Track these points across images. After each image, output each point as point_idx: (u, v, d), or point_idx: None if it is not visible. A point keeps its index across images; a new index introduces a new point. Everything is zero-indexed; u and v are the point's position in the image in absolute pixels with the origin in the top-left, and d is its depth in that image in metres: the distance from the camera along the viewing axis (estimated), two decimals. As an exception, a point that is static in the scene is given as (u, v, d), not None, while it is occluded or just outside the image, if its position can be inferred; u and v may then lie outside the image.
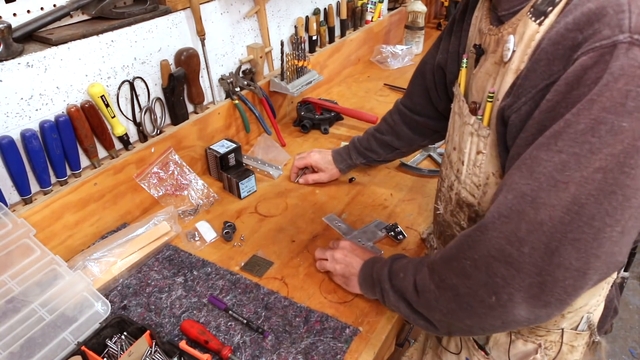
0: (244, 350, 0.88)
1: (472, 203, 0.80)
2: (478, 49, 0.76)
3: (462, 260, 0.67)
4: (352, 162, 1.27)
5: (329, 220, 1.20)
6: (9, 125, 0.97)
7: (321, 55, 1.82)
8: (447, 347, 0.97)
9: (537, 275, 0.60)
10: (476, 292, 0.66)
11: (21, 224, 0.95)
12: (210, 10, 1.34)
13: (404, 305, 0.80)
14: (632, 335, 2.30)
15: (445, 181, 0.90)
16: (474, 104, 0.76)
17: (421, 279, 0.76)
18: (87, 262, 1.03)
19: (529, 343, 0.85)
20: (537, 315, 0.63)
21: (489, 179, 0.75)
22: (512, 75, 0.66)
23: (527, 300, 0.62)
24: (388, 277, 0.84)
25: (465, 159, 0.79)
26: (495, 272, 0.62)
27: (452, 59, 0.94)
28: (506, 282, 0.62)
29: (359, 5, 2.00)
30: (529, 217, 0.59)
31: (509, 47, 0.66)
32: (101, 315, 0.91)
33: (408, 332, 1.13)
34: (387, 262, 0.88)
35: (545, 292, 0.60)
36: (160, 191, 1.24)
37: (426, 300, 0.75)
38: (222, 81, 1.43)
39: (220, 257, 1.10)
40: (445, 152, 0.91)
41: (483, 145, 0.74)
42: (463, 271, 0.67)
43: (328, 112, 1.62)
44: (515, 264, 0.60)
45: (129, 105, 1.19)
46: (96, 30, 1.06)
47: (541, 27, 0.61)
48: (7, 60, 0.93)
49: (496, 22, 0.72)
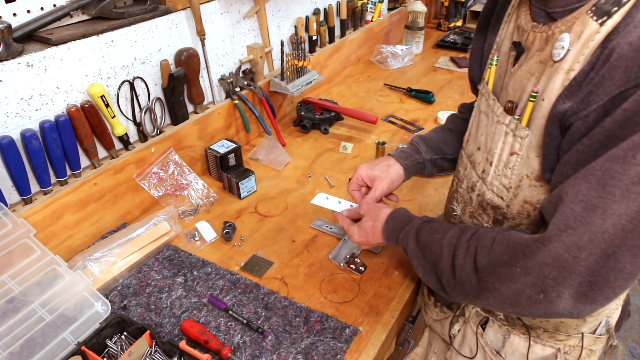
0: (244, 350, 0.88)
1: (499, 205, 0.78)
2: (518, 46, 0.73)
3: (512, 268, 0.65)
4: (419, 157, 1.05)
5: (319, 226, 1.19)
6: (9, 125, 0.97)
7: (321, 55, 1.82)
8: (460, 350, 0.94)
9: (588, 276, 0.59)
10: (522, 292, 0.64)
11: (21, 224, 0.95)
12: (210, 10, 1.34)
13: (435, 281, 0.78)
14: (632, 335, 2.30)
15: (463, 182, 0.87)
16: (511, 103, 0.73)
17: (462, 269, 0.72)
18: (87, 262, 1.03)
19: (547, 347, 0.84)
20: (580, 310, 0.63)
21: (522, 181, 0.73)
22: (563, 75, 0.63)
23: (574, 297, 0.61)
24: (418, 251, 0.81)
25: (494, 160, 0.77)
26: (547, 276, 0.61)
27: (475, 56, 0.91)
28: (556, 282, 0.61)
29: (359, 5, 2.00)
30: (594, 228, 0.58)
31: (563, 45, 0.63)
32: (101, 315, 0.90)
33: (408, 332, 1.13)
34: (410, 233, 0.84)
35: (594, 291, 0.60)
36: (160, 191, 1.24)
37: (465, 290, 0.72)
38: (222, 81, 1.43)
39: (220, 257, 1.10)
40: (464, 152, 0.89)
41: (519, 146, 0.71)
42: (510, 277, 0.65)
43: (328, 112, 1.62)
44: (568, 268, 0.60)
45: (129, 105, 1.19)
46: (96, 30, 1.06)
47: (603, 27, 0.59)
48: (7, 60, 0.93)
49: (543, 19, 0.69)
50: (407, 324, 1.10)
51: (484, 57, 0.88)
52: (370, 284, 1.02)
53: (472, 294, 0.71)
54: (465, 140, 0.89)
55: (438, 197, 1.29)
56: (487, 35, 0.87)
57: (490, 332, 0.89)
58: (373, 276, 1.04)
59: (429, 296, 1.01)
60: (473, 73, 0.92)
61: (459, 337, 0.94)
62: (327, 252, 1.11)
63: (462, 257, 0.72)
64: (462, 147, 0.92)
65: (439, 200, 1.27)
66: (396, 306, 0.97)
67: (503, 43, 0.80)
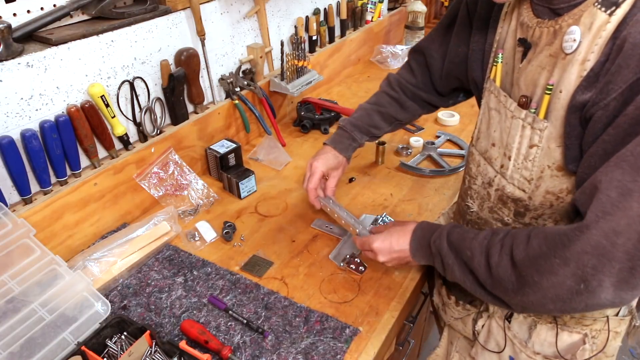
0: (244, 350, 0.88)
1: (521, 198, 0.80)
2: (525, 42, 0.75)
3: (551, 259, 0.65)
4: (356, 143, 1.17)
5: (319, 226, 1.19)
6: (9, 125, 0.97)
7: (321, 55, 1.82)
8: (486, 346, 0.94)
9: (628, 261, 0.60)
10: (563, 283, 0.65)
11: (21, 224, 0.94)
12: (210, 10, 1.34)
13: (471, 281, 0.79)
14: (632, 335, 2.30)
15: (477, 179, 0.89)
16: (525, 98, 0.75)
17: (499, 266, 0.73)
18: (87, 262, 1.03)
19: (574, 334, 0.85)
20: (622, 298, 0.64)
21: (543, 172, 0.75)
22: (579, 67, 0.65)
23: (615, 285, 0.62)
24: (449, 251, 0.82)
25: (512, 154, 0.78)
26: (586, 264, 0.62)
27: (475, 56, 0.92)
28: (597, 270, 0.62)
29: (359, 5, 2.00)
30: (631, 212, 0.59)
31: (574, 38, 0.65)
32: (101, 315, 0.90)
33: (408, 332, 1.13)
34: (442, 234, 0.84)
35: (635, 276, 0.61)
36: (160, 191, 1.24)
37: (504, 288, 0.73)
38: (222, 81, 1.43)
39: (220, 257, 1.10)
40: (476, 150, 0.90)
41: (538, 138, 0.73)
42: (550, 269, 0.66)
43: (328, 112, 1.62)
44: (607, 255, 0.61)
45: (129, 105, 1.19)
46: (96, 30, 1.06)
47: (612, 17, 0.61)
48: (7, 60, 0.93)
49: (548, 15, 0.71)
50: (407, 324, 1.10)
51: (485, 56, 0.89)
52: (370, 284, 1.02)
53: (512, 291, 0.71)
54: (475, 138, 0.91)
55: (438, 197, 1.29)
56: (487, 35, 0.88)
57: (515, 325, 0.90)
58: (373, 276, 1.04)
59: (449, 296, 1.01)
60: (475, 73, 0.93)
61: (483, 333, 0.95)
62: (327, 252, 1.11)
63: (497, 256, 0.73)
64: (471, 145, 0.93)
65: (439, 200, 1.27)
66: (396, 306, 0.97)
67: (506, 41, 0.81)
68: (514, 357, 0.91)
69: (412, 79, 1.15)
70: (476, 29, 0.91)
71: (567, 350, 0.86)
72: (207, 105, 1.41)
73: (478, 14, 0.90)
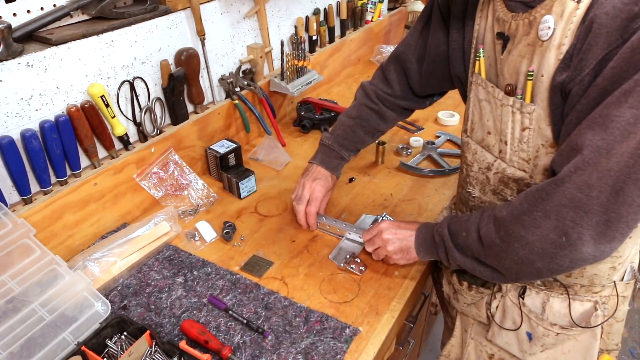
0: (244, 350, 0.88)
1: (523, 177, 0.84)
2: (503, 36, 0.80)
3: (534, 213, 0.73)
4: (345, 162, 1.22)
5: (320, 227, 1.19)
6: (9, 125, 0.97)
7: (321, 55, 1.82)
8: (502, 325, 0.97)
9: (603, 214, 0.67)
10: (547, 236, 0.72)
11: (21, 224, 0.94)
12: (210, 10, 1.34)
13: (470, 260, 0.86)
14: (632, 335, 2.30)
15: (473, 165, 0.94)
16: (510, 86, 0.80)
17: (486, 234, 0.81)
18: (87, 262, 1.03)
19: (586, 302, 0.90)
20: (602, 251, 0.70)
21: (538, 151, 0.80)
22: (555, 51, 0.71)
23: (594, 238, 0.69)
24: (450, 237, 0.89)
25: (507, 139, 0.83)
26: (565, 217, 0.69)
27: (455, 54, 0.97)
28: (575, 223, 0.68)
29: (359, 5, 2.00)
30: (601, 167, 0.65)
31: (548, 25, 0.71)
32: (101, 315, 0.90)
33: (408, 332, 1.13)
34: (443, 224, 0.92)
35: (611, 228, 0.68)
36: (160, 191, 1.24)
37: (495, 252, 0.80)
38: (222, 81, 1.43)
39: (220, 257, 1.10)
40: (471, 140, 0.94)
41: (528, 121, 0.79)
42: (533, 222, 0.73)
43: (328, 112, 1.62)
44: (583, 207, 0.67)
45: (129, 105, 1.19)
46: (96, 30, 1.06)
47: (580, 4, 0.67)
48: (7, 60, 0.93)
49: (521, 8, 0.76)
50: (407, 324, 1.10)
51: (465, 53, 0.94)
52: (370, 284, 1.02)
53: (503, 251, 0.78)
54: (470, 129, 0.95)
55: (438, 197, 1.29)
56: (464, 33, 0.93)
57: (528, 301, 0.93)
58: (373, 276, 1.04)
59: (460, 282, 1.03)
60: (457, 70, 0.98)
61: (499, 313, 0.97)
62: (327, 252, 1.11)
63: (485, 225, 0.81)
64: (465, 136, 0.97)
65: (439, 200, 1.27)
66: (396, 306, 0.97)
67: (485, 36, 0.86)
68: (531, 332, 0.93)
69: (389, 89, 1.18)
70: (453, 28, 0.96)
71: (581, 318, 0.90)
72: (207, 105, 1.41)
73: (453, 13, 0.95)
